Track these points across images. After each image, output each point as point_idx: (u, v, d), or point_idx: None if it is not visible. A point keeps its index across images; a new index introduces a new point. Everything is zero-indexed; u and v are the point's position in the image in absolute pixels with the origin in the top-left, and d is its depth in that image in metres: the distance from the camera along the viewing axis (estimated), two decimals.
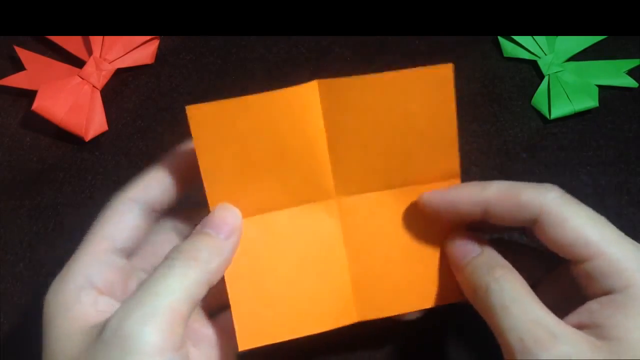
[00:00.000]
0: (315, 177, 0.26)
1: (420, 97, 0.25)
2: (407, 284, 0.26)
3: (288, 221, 0.26)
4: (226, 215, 0.25)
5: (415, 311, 0.26)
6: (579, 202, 0.23)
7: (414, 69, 0.24)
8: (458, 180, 0.26)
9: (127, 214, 0.25)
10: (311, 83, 0.25)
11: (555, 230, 0.22)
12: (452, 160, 0.26)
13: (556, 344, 0.20)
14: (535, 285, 0.25)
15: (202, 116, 0.24)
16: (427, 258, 0.26)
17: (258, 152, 0.25)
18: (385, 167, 0.26)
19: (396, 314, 0.26)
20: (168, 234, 0.27)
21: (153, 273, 0.23)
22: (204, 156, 0.25)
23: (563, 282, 0.25)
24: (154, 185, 0.26)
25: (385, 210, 0.26)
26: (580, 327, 0.22)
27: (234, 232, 0.25)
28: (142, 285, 0.22)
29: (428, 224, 0.26)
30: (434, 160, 0.26)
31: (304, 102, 0.25)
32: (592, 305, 0.22)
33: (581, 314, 0.22)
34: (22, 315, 0.33)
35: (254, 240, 0.26)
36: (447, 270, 0.26)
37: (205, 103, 0.24)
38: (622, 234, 0.23)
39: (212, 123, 0.24)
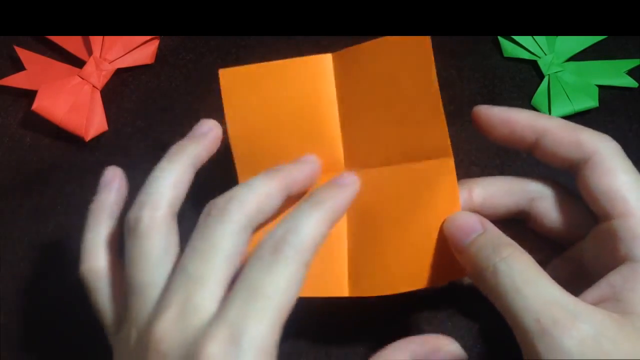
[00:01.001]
0: (327, 147, 0.27)
1: (405, 65, 0.25)
2: (403, 262, 0.25)
3: None
4: None
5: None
6: (630, 162, 0.23)
7: (394, 37, 0.25)
8: (451, 160, 0.25)
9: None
10: (327, 55, 0.27)
11: (600, 177, 0.22)
12: (441, 136, 0.25)
13: (577, 324, 0.19)
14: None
15: (232, 80, 0.26)
16: (424, 238, 0.25)
17: (279, 117, 0.26)
18: (385, 142, 0.26)
19: (389, 293, 0.26)
20: None
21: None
22: (232, 117, 0.27)
23: (571, 265, 0.24)
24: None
25: (385, 186, 0.26)
26: (601, 301, 0.21)
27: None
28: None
29: (426, 204, 0.25)
30: (424, 136, 0.25)
31: (320, 71, 0.26)
32: (613, 277, 0.21)
33: (602, 287, 0.21)
34: (22, 315, 0.33)
35: None
36: (444, 250, 0.25)
37: (236, 67, 0.27)
38: None
39: (240, 87, 0.26)
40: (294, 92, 0.26)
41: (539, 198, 0.25)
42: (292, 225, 0.23)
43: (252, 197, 0.23)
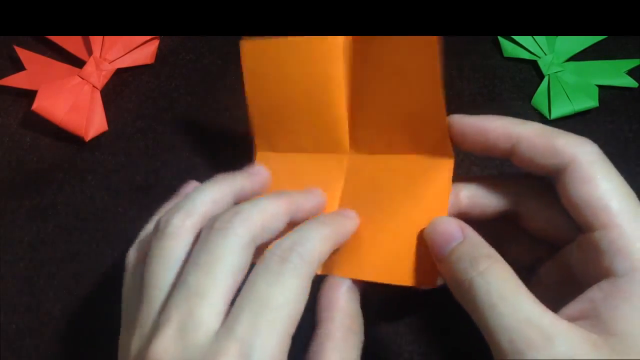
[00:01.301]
0: (334, 127, 0.28)
1: (413, 63, 0.25)
2: (382, 253, 0.25)
3: (303, 164, 0.28)
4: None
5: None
6: (612, 166, 0.21)
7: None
8: (451, 161, 0.25)
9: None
10: (343, 37, 0.28)
11: (579, 186, 0.21)
12: (442, 136, 0.25)
13: (550, 345, 0.18)
14: (532, 271, 0.24)
15: (252, 51, 0.28)
16: (407, 233, 0.25)
17: (293, 92, 0.27)
18: (390, 131, 0.26)
19: (360, 278, 0.25)
20: None
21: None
22: (251, 87, 0.28)
23: (562, 269, 0.23)
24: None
25: (382, 174, 0.26)
26: (580, 317, 0.20)
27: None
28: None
29: (416, 199, 0.25)
30: (427, 133, 0.25)
31: (334, 53, 0.27)
32: (593, 293, 0.20)
33: (582, 302, 0.20)
34: (22, 315, 0.33)
35: (275, 172, 0.28)
36: (424, 252, 0.24)
37: (257, 39, 0.28)
38: None
39: (259, 59, 0.28)
40: (308, 69, 0.27)
41: (526, 198, 0.24)
42: (299, 237, 0.22)
43: (257, 215, 0.23)
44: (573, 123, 0.36)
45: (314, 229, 0.23)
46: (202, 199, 0.24)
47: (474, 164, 0.35)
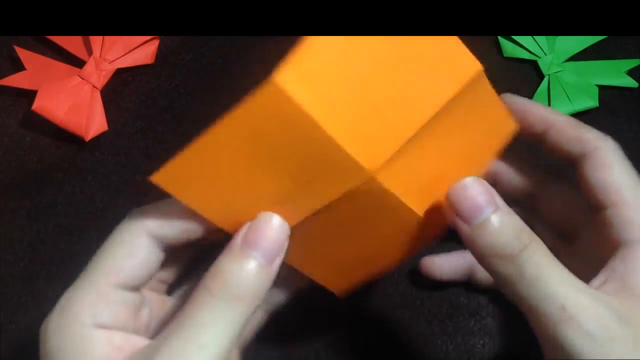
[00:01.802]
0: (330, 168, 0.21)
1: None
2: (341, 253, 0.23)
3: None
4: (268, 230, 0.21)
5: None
6: (627, 159, 0.24)
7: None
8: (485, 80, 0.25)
9: (137, 247, 0.22)
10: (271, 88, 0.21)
11: (597, 171, 0.24)
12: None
13: (599, 309, 0.20)
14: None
15: (171, 178, 0.22)
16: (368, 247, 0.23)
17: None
18: (394, 110, 0.21)
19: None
20: None
21: (188, 315, 0.19)
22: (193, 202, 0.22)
23: (577, 260, 0.25)
24: (174, 220, 0.23)
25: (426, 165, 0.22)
26: (606, 284, 0.22)
27: (281, 252, 0.21)
28: (179, 331, 0.19)
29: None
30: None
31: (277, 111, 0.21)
32: (613, 262, 0.22)
33: (605, 274, 0.22)
34: (22, 316, 0.33)
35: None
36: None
37: (167, 164, 0.22)
38: None
39: (184, 177, 0.22)
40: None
41: (546, 182, 0.27)
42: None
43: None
44: None
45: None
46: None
47: None
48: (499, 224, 0.21)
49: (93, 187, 0.36)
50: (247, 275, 0.20)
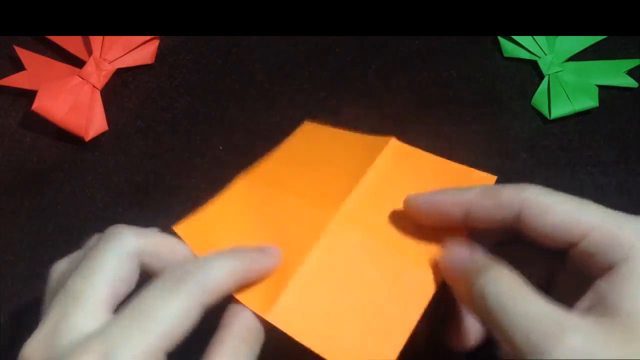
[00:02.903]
0: (329, 188, 0.27)
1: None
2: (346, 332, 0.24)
3: (284, 204, 0.27)
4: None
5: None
6: (559, 192, 0.23)
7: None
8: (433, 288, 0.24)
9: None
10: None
11: (540, 219, 0.22)
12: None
13: (567, 334, 0.19)
14: (549, 281, 0.24)
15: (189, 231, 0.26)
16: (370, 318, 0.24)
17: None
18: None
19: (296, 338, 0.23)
20: None
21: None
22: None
23: (575, 277, 0.24)
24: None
25: (365, 259, 0.25)
26: (591, 309, 0.21)
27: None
28: None
29: (397, 301, 0.24)
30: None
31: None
32: (599, 283, 0.21)
33: (590, 295, 0.21)
34: (22, 315, 0.33)
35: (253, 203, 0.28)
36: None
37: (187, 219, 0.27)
38: (611, 210, 0.22)
39: (199, 231, 0.26)
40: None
41: (525, 205, 0.25)
42: (204, 264, 0.22)
43: (147, 231, 0.24)
44: (573, 123, 0.36)
45: (222, 260, 0.23)
46: (159, 236, 0.25)
47: (474, 164, 0.35)
48: (465, 265, 0.23)
49: (93, 187, 0.36)
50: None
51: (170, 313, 0.21)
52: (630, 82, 0.37)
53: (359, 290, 0.24)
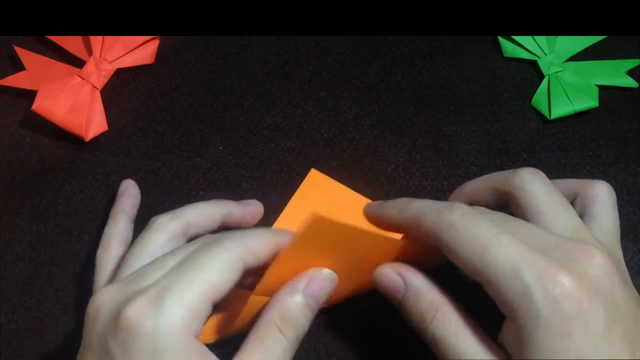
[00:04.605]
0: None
1: None
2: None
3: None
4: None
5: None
6: (471, 223, 0.23)
7: None
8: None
9: (235, 273, 0.24)
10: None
11: (452, 255, 0.23)
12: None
13: None
14: None
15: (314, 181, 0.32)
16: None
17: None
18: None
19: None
20: None
21: (260, 343, 0.24)
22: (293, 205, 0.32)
23: None
24: (262, 253, 0.25)
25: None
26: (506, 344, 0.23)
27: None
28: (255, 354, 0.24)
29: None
30: None
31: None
32: (503, 328, 0.23)
33: (501, 337, 0.23)
34: (22, 315, 0.33)
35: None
36: None
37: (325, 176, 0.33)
38: (510, 248, 0.22)
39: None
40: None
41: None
42: (245, 233, 0.25)
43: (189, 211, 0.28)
44: (573, 123, 0.36)
45: (259, 230, 0.26)
46: (192, 209, 0.29)
47: (474, 164, 0.35)
48: (406, 306, 0.25)
49: (93, 187, 0.36)
50: (305, 316, 0.25)
51: (215, 266, 0.23)
52: (630, 82, 0.37)
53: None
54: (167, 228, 0.27)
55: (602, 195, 0.27)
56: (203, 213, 0.29)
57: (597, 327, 0.21)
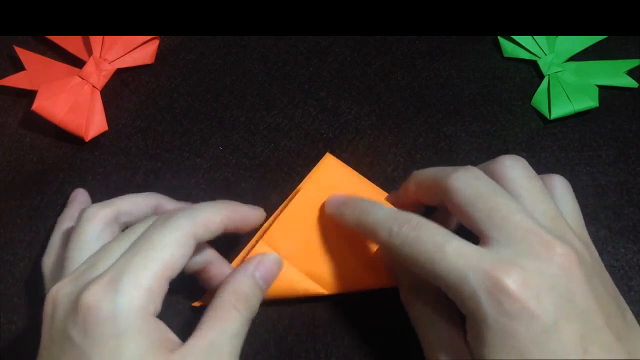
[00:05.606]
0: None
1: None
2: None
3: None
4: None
5: None
6: (417, 240, 0.24)
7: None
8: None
9: (188, 248, 0.25)
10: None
11: (409, 267, 0.24)
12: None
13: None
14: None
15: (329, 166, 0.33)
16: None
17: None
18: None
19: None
20: None
21: (218, 321, 0.25)
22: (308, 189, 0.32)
23: None
24: (215, 226, 0.26)
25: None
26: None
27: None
28: (214, 329, 0.25)
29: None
30: None
31: None
32: (466, 328, 0.23)
33: (467, 337, 0.23)
34: (22, 315, 0.33)
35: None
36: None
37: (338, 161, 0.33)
38: (455, 256, 0.23)
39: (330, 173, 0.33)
40: None
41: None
42: (193, 206, 0.27)
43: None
44: (573, 123, 0.36)
45: (210, 203, 0.27)
46: (122, 198, 0.29)
47: (474, 164, 0.35)
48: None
49: (93, 187, 0.36)
50: (256, 296, 0.27)
51: (168, 243, 0.24)
52: (630, 82, 0.37)
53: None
54: (98, 216, 0.28)
55: (559, 185, 0.28)
56: (134, 201, 0.29)
57: (544, 325, 0.21)
